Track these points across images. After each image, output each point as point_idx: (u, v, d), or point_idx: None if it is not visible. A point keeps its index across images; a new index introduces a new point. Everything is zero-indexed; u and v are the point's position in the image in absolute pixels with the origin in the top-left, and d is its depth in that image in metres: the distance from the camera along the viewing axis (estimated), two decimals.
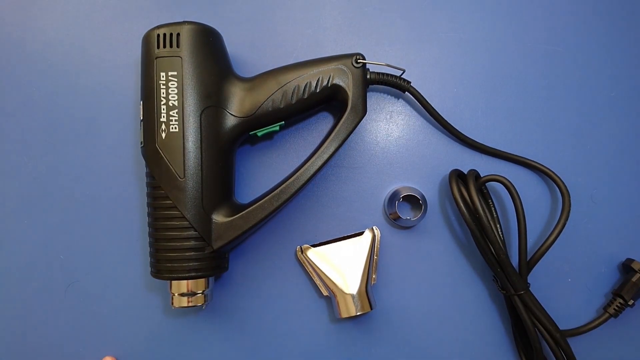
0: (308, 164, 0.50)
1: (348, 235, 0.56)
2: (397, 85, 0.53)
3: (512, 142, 0.57)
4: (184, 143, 0.47)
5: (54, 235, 0.57)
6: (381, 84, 0.53)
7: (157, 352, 0.56)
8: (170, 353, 0.56)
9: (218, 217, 0.49)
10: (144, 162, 0.50)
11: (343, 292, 0.52)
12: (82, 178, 0.58)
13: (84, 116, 0.58)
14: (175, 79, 0.47)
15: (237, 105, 0.50)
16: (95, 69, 0.59)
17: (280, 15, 0.58)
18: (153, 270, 0.50)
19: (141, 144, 0.49)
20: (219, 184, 0.50)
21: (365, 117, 0.51)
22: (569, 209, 0.52)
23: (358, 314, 0.51)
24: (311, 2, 0.59)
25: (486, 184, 0.52)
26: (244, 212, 0.49)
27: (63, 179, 0.58)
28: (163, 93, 0.47)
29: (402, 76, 0.53)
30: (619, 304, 0.53)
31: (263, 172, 0.57)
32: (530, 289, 0.50)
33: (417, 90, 0.53)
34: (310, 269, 0.55)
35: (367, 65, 0.52)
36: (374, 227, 0.56)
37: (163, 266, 0.48)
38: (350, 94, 0.50)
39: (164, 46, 0.48)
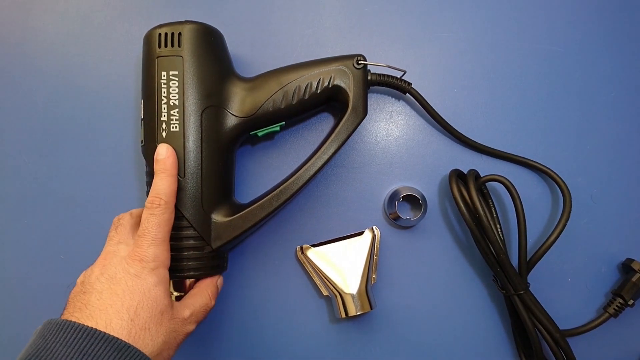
0: (308, 164, 0.50)
1: (348, 235, 0.56)
2: (397, 87, 0.53)
3: (512, 142, 0.57)
4: (184, 142, 0.47)
5: (54, 235, 0.57)
6: (382, 85, 0.53)
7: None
8: None
9: (218, 217, 0.49)
10: (144, 161, 0.50)
11: (343, 292, 0.52)
12: (82, 178, 0.58)
13: (84, 116, 0.58)
14: (177, 79, 0.47)
15: (238, 105, 0.50)
16: (95, 69, 0.59)
17: (281, 16, 0.58)
18: None
19: (141, 142, 0.49)
20: (219, 183, 0.50)
21: (365, 117, 0.51)
22: (570, 209, 0.52)
23: (358, 314, 0.51)
24: (311, 2, 0.59)
25: (486, 183, 0.52)
26: (243, 212, 0.49)
27: (63, 179, 0.58)
28: (164, 92, 0.47)
29: (402, 77, 0.53)
30: (618, 304, 0.53)
31: (263, 173, 0.57)
32: (530, 288, 0.51)
33: (418, 92, 0.53)
34: (310, 269, 0.55)
35: (368, 67, 0.52)
36: (374, 227, 0.56)
37: None
38: (351, 95, 0.50)
39: (165, 45, 0.48)
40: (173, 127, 0.47)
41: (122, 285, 0.39)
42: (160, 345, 0.39)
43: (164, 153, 0.46)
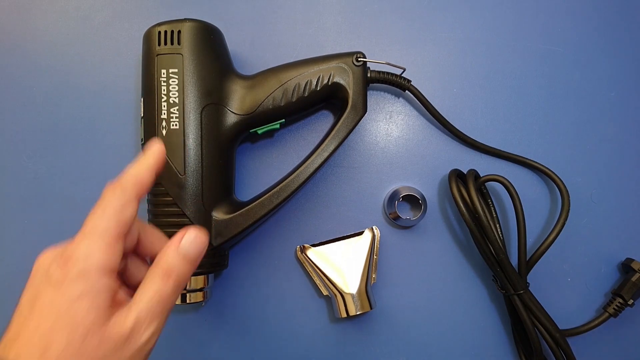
0: (308, 162, 0.50)
1: (348, 235, 0.56)
2: (397, 84, 0.53)
3: (512, 142, 0.57)
4: (184, 140, 0.47)
5: (54, 235, 0.57)
6: (381, 83, 0.53)
7: (154, 349, 0.55)
8: (169, 349, 0.56)
9: (218, 214, 0.49)
10: None
11: (343, 291, 0.52)
12: (82, 178, 0.58)
13: (84, 116, 0.58)
14: (176, 76, 0.47)
15: (238, 102, 0.50)
16: (95, 69, 0.59)
17: (281, 15, 0.59)
18: None
19: (141, 140, 0.49)
20: (219, 181, 0.50)
21: (365, 117, 0.51)
22: (569, 209, 0.52)
23: (358, 313, 0.51)
24: (311, 2, 0.59)
25: (486, 183, 0.52)
26: (243, 210, 0.49)
27: (63, 179, 0.58)
28: (164, 90, 0.47)
29: (402, 75, 0.53)
30: (618, 304, 0.53)
31: (263, 170, 0.57)
32: (529, 288, 0.50)
33: (417, 89, 0.53)
34: (310, 269, 0.55)
35: (368, 64, 0.52)
36: (373, 227, 0.56)
37: None
38: (350, 92, 0.50)
39: (165, 43, 0.48)
40: (173, 125, 0.47)
41: (40, 301, 0.30)
42: None
43: (154, 147, 0.36)
